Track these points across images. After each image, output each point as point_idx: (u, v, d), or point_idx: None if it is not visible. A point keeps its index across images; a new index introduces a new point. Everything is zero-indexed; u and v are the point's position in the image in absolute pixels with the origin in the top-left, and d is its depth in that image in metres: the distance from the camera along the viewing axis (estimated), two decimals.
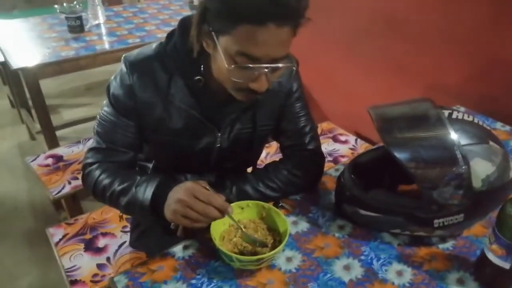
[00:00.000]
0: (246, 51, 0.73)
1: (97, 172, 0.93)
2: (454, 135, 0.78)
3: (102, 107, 0.95)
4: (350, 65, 2.12)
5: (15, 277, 1.81)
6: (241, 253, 0.83)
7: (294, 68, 0.85)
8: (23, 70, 1.82)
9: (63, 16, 2.15)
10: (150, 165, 1.09)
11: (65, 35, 2.14)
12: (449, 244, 0.90)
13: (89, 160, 0.95)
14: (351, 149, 1.83)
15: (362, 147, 1.84)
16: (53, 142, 2.12)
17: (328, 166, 1.17)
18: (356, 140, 1.90)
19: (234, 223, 0.84)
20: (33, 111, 2.18)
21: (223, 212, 0.78)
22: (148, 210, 0.86)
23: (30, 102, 2.23)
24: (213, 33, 0.75)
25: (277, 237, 0.87)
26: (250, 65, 0.75)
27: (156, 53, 0.89)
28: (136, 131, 0.94)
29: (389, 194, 0.90)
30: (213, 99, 0.91)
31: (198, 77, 0.86)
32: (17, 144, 2.73)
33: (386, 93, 1.94)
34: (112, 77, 0.92)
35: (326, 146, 1.84)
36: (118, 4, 3.35)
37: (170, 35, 0.90)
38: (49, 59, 1.88)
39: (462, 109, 1.49)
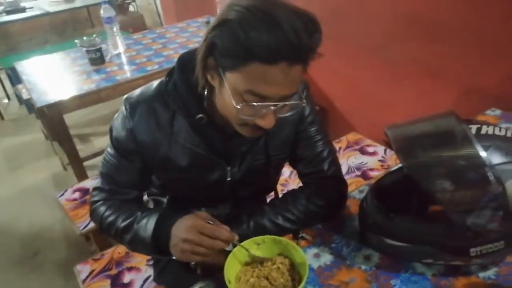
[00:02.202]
0: (256, 90, 0.69)
1: (102, 209, 0.94)
2: (483, 154, 0.69)
3: (106, 148, 0.94)
4: (375, 71, 2.03)
5: None
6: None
7: (304, 104, 0.80)
8: (48, 107, 1.86)
9: (84, 49, 2.20)
10: (165, 199, 1.07)
11: (87, 68, 2.18)
12: (491, 272, 0.81)
13: (95, 198, 0.96)
14: (381, 161, 1.74)
15: (393, 158, 1.74)
16: (81, 173, 2.16)
17: (356, 182, 1.10)
18: (385, 150, 1.80)
19: (245, 250, 0.81)
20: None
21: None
22: (151, 247, 0.85)
23: None
24: (220, 68, 0.72)
25: (296, 274, 0.81)
26: (259, 104, 0.71)
27: (156, 93, 0.87)
28: (140, 171, 0.93)
29: (416, 221, 0.82)
30: (218, 134, 0.88)
31: (200, 115, 0.83)
32: (51, 175, 2.81)
33: (415, 99, 1.84)
34: (114, 118, 0.91)
35: (353, 159, 1.75)
36: (143, 30, 3.42)
37: (170, 73, 0.87)
38: (71, 94, 1.92)
39: (498, 111, 1.38)
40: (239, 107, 0.72)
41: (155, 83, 0.89)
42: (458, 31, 1.56)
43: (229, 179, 0.95)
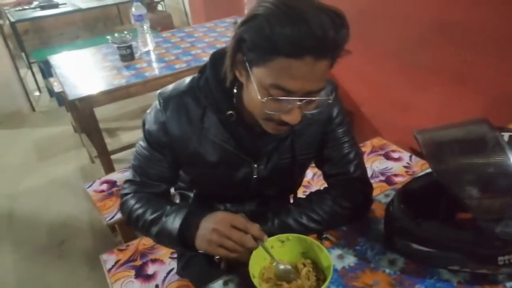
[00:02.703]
0: (281, 84, 0.70)
1: (132, 202, 0.96)
2: None
3: (138, 141, 0.97)
4: (403, 76, 2.01)
5: None
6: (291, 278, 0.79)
7: (330, 101, 0.80)
8: (79, 100, 1.92)
9: (115, 45, 2.26)
10: (191, 194, 1.10)
11: (118, 64, 2.24)
12: None
13: (125, 191, 0.99)
14: (406, 167, 1.72)
15: (418, 164, 1.73)
16: (109, 166, 2.21)
17: (380, 187, 1.10)
18: (410, 157, 1.78)
19: (267, 253, 0.81)
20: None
21: (258, 240, 0.79)
22: (177, 240, 0.86)
23: None
24: (247, 63, 0.73)
25: (320, 274, 0.82)
26: (284, 98, 0.72)
27: (189, 88, 0.89)
28: (170, 165, 0.95)
29: (444, 226, 0.81)
30: (247, 132, 0.89)
31: (230, 112, 0.85)
32: (80, 167, 2.89)
33: (443, 106, 1.81)
34: (147, 112, 0.94)
35: (378, 164, 1.74)
36: (170, 29, 3.48)
37: (202, 69, 0.90)
38: (102, 88, 1.97)
39: None
40: (264, 100, 0.72)
41: (187, 79, 0.92)
42: (488, 37, 1.54)
43: (255, 176, 0.96)
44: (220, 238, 0.78)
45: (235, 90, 0.84)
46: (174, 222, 0.86)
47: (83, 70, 2.22)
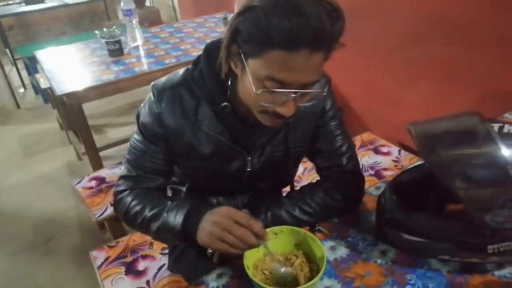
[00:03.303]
0: (277, 76, 0.70)
1: (128, 199, 0.93)
2: (506, 152, 0.70)
3: (132, 135, 0.96)
4: (393, 72, 2.03)
5: None
6: (276, 283, 0.79)
7: (324, 93, 0.81)
8: (67, 95, 1.90)
9: (104, 40, 2.23)
10: (184, 188, 1.09)
11: (106, 59, 2.21)
12: (506, 271, 0.81)
13: (120, 188, 0.96)
14: (394, 161, 1.74)
15: (407, 158, 1.75)
16: (97, 163, 2.19)
17: (369, 181, 1.11)
18: (399, 151, 1.80)
19: (269, 252, 0.80)
20: (79, 134, 2.27)
21: (260, 239, 0.76)
22: (180, 234, 0.84)
23: None
24: (242, 55, 0.73)
25: (313, 265, 0.82)
26: (279, 90, 0.72)
27: (183, 80, 0.89)
28: (165, 157, 0.94)
29: (435, 217, 0.82)
30: (241, 124, 0.89)
31: (225, 103, 0.85)
32: (66, 164, 2.85)
33: (433, 101, 1.84)
34: (141, 105, 0.93)
35: (367, 158, 1.76)
36: (158, 24, 3.46)
37: (196, 61, 0.89)
38: (91, 83, 1.95)
39: None
40: (259, 92, 0.73)
41: (181, 70, 0.91)
42: (479, 33, 1.56)
43: (249, 169, 0.96)
44: (222, 231, 0.75)
45: (229, 83, 0.84)
46: (176, 217, 0.84)
47: (70, 66, 2.19)
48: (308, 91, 0.74)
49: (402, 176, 0.93)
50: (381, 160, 1.75)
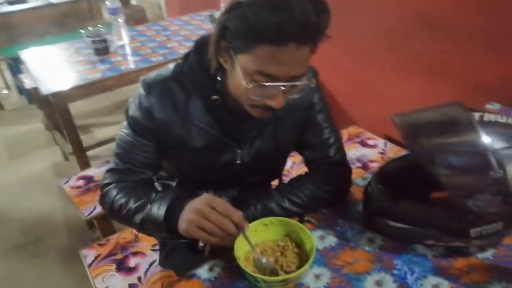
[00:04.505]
0: (266, 70, 0.72)
1: (114, 192, 0.94)
2: (486, 139, 0.73)
3: (120, 129, 0.96)
4: (378, 66, 2.06)
5: None
6: (268, 273, 0.81)
7: (313, 85, 0.83)
8: (53, 95, 1.88)
9: (89, 39, 2.22)
10: (174, 183, 1.10)
11: (92, 58, 2.20)
12: (488, 254, 0.84)
13: (107, 181, 0.96)
14: (381, 153, 1.77)
15: (392, 150, 1.78)
16: (84, 162, 2.18)
17: (357, 173, 1.14)
18: (385, 143, 1.84)
19: (248, 243, 0.80)
20: (65, 134, 2.25)
21: (239, 229, 0.77)
22: (163, 225, 0.85)
23: None
24: (231, 50, 0.75)
25: (303, 254, 0.84)
26: (268, 84, 0.73)
27: (173, 74, 0.90)
28: (154, 151, 0.95)
29: (419, 204, 0.85)
30: (231, 117, 0.91)
31: (215, 96, 0.86)
32: (52, 165, 2.82)
33: (417, 94, 1.87)
34: (131, 99, 0.93)
35: (354, 151, 1.79)
36: (144, 23, 3.43)
37: (186, 55, 0.90)
38: (77, 83, 1.94)
39: (497, 105, 1.42)
40: (249, 87, 0.74)
41: (171, 65, 0.92)
42: (462, 29, 1.60)
43: (239, 162, 0.98)
44: (200, 218, 0.75)
45: (219, 78, 0.85)
46: (160, 208, 0.85)
47: (56, 65, 2.17)
48: (297, 83, 0.76)
49: (388, 166, 0.95)
50: (368, 152, 1.78)
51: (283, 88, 0.75)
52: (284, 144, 0.99)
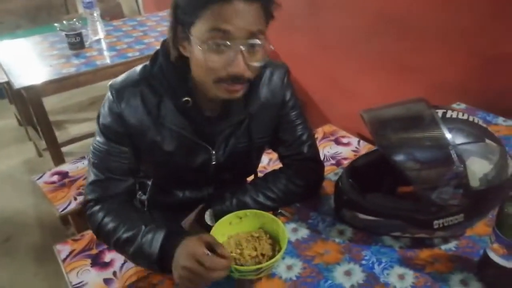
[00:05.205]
0: (217, 26, 0.73)
1: (100, 215, 0.90)
2: (448, 135, 0.77)
3: (94, 138, 0.94)
4: (350, 65, 2.11)
5: None
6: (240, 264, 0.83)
7: (272, 48, 0.81)
8: (26, 89, 1.85)
9: (63, 33, 2.18)
10: (149, 182, 1.09)
11: (66, 52, 2.17)
12: (452, 245, 0.89)
13: (89, 197, 0.93)
14: (354, 151, 1.82)
15: (365, 148, 1.83)
16: (59, 158, 2.14)
17: (330, 169, 1.17)
18: (358, 141, 1.88)
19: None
20: (39, 129, 2.21)
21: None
22: (156, 265, 0.83)
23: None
24: (186, 30, 0.77)
25: (276, 245, 0.87)
26: (224, 42, 0.74)
27: (142, 77, 0.88)
28: (131, 156, 0.93)
29: (387, 197, 0.89)
30: (203, 118, 0.91)
31: (186, 98, 0.85)
32: (24, 161, 2.76)
33: (387, 92, 1.93)
34: (101, 106, 0.91)
35: (329, 149, 1.83)
36: (120, 18, 3.39)
37: (154, 57, 0.89)
38: (50, 77, 1.91)
39: (463, 105, 1.48)
40: (205, 49, 0.75)
41: (138, 68, 0.90)
42: (427, 28, 1.66)
43: (213, 163, 0.98)
44: (189, 275, 0.74)
45: (190, 74, 0.85)
46: (151, 247, 0.83)
47: (28, 59, 2.13)
48: (251, 42, 0.76)
49: (358, 161, 0.99)
50: (342, 150, 1.83)
51: (241, 48, 0.75)
52: (258, 142, 1.01)
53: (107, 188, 0.92)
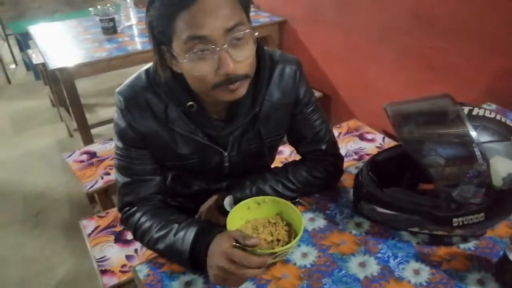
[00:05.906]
0: (192, 33, 0.71)
1: (137, 215, 0.93)
2: (473, 132, 0.76)
3: (115, 143, 0.96)
4: (378, 62, 2.08)
5: (53, 265, 1.93)
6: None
7: (256, 34, 0.79)
8: (60, 70, 1.92)
9: (97, 18, 2.24)
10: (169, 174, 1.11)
11: (99, 37, 2.23)
12: (471, 244, 0.88)
13: (125, 200, 0.95)
14: (378, 147, 1.80)
15: (390, 145, 1.81)
16: (88, 139, 2.22)
17: (351, 165, 1.17)
18: (383, 138, 1.86)
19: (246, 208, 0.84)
20: (71, 110, 2.29)
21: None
22: (188, 262, 0.83)
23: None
24: (169, 48, 0.76)
25: (292, 232, 0.88)
26: (204, 47, 0.73)
27: (147, 84, 0.88)
28: (151, 156, 0.95)
29: (406, 192, 0.88)
30: (211, 121, 0.91)
31: (190, 103, 0.85)
32: (56, 141, 2.88)
33: (415, 90, 1.90)
34: (114, 112, 0.93)
35: (352, 144, 1.82)
36: None
37: (155, 66, 0.87)
38: (83, 60, 1.97)
39: (493, 106, 1.44)
40: (190, 58, 0.73)
41: (142, 74, 0.89)
42: (459, 27, 1.62)
43: (227, 164, 0.99)
44: (224, 274, 0.74)
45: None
46: (183, 244, 0.83)
47: (64, 42, 2.20)
48: (232, 37, 0.73)
49: (380, 155, 0.99)
50: (366, 146, 1.81)
51: (223, 46, 0.73)
52: (270, 141, 1.00)
53: (139, 191, 0.95)
